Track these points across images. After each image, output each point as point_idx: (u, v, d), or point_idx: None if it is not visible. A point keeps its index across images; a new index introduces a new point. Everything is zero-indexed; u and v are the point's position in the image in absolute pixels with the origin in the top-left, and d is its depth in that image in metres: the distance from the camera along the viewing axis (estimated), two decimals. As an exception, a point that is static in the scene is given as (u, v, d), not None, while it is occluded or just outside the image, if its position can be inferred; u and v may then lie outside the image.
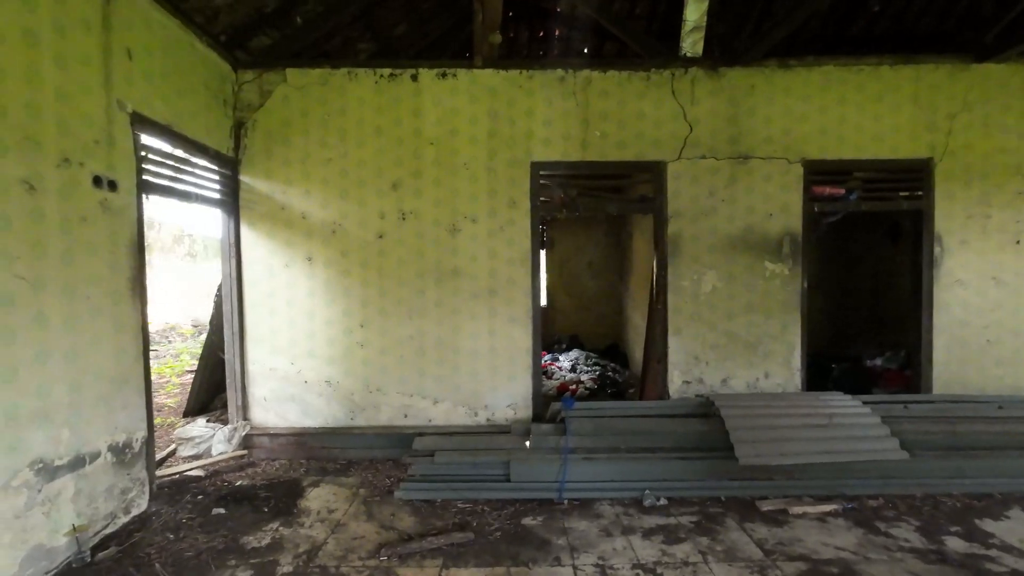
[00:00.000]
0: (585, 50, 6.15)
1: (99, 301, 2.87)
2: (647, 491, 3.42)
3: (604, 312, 8.86)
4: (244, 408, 4.42)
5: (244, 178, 4.41)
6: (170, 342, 10.22)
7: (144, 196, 3.30)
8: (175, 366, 7.94)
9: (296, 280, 4.44)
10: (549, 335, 8.94)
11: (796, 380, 4.49)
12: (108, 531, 2.88)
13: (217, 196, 4.22)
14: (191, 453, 4.06)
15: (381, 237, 4.42)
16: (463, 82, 4.41)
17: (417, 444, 3.96)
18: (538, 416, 4.46)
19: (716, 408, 3.86)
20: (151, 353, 3.40)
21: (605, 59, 4.97)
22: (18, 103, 2.40)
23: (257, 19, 4.35)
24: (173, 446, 4.18)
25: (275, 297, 4.44)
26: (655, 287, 4.62)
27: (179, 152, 3.74)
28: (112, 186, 2.98)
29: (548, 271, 9.11)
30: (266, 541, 2.89)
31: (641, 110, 4.43)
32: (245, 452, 4.15)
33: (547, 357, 8.08)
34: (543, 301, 9.26)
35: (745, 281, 4.47)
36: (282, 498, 3.44)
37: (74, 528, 2.61)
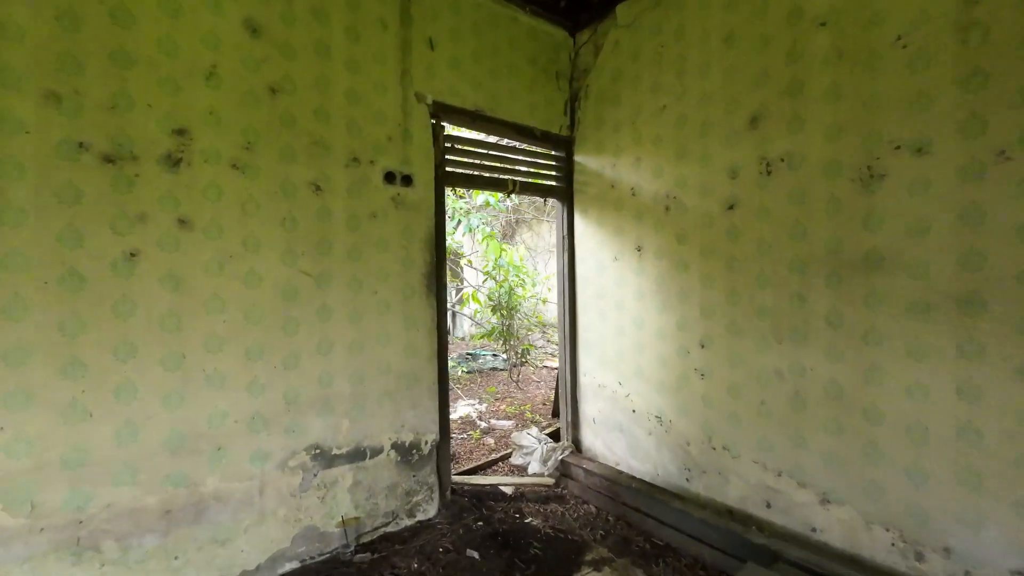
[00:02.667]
0: None
1: (387, 296, 2.87)
2: None
3: None
4: (574, 426, 3.82)
5: (578, 158, 3.78)
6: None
7: (448, 189, 3.18)
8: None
9: (624, 277, 3.43)
10: None
11: None
12: (388, 530, 2.86)
13: (550, 182, 3.78)
14: (518, 462, 3.80)
15: (731, 208, 2.79)
16: None
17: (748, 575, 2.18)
18: None
19: None
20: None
21: None
22: (307, 110, 2.59)
23: (591, -38, 3.60)
24: (511, 449, 4.06)
25: (604, 298, 3.59)
26: None
27: (494, 139, 3.49)
28: (406, 181, 2.95)
29: None
30: (476, 633, 2.11)
31: None
32: (553, 481, 3.52)
33: None
34: None
35: None
36: (544, 570, 2.57)
37: (343, 520, 2.66)
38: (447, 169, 3.16)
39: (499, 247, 6.04)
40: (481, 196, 5.32)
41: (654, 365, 3.25)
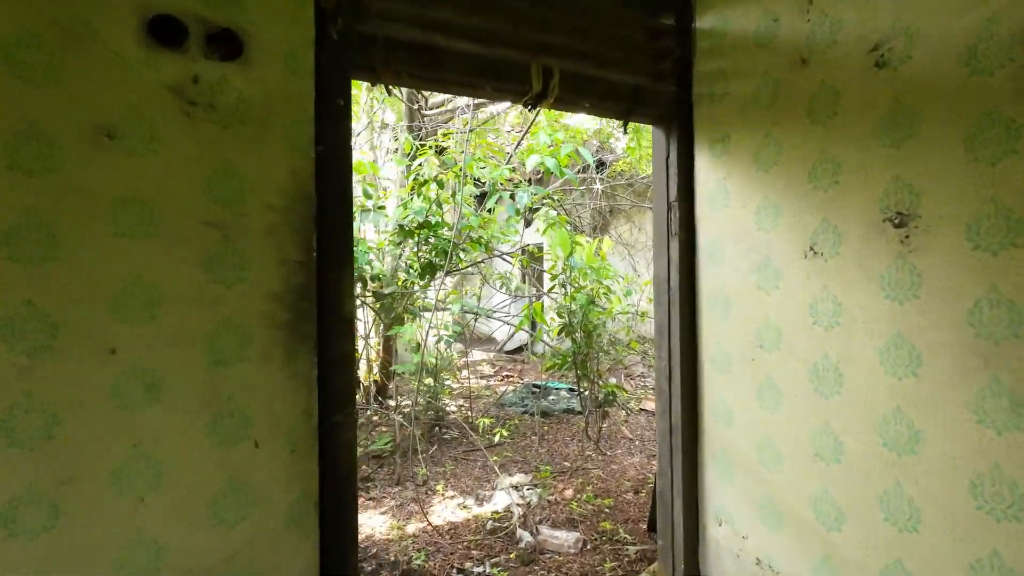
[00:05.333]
0: None
1: (150, 358, 1.04)
2: None
3: None
4: (691, 628, 1.70)
5: (704, 22, 1.66)
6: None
7: (371, 84, 1.28)
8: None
9: (844, 301, 1.25)
10: None
11: None
12: None
13: (635, 79, 1.70)
14: None
15: None
16: None
17: None
18: None
19: None
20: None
21: None
22: None
23: None
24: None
25: (774, 349, 1.44)
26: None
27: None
28: (227, 46, 1.10)
29: None
30: None
31: None
32: None
33: None
34: None
35: None
36: None
37: None
38: (358, 27, 1.25)
39: (567, 239, 4.02)
40: (533, 156, 3.36)
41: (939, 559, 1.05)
